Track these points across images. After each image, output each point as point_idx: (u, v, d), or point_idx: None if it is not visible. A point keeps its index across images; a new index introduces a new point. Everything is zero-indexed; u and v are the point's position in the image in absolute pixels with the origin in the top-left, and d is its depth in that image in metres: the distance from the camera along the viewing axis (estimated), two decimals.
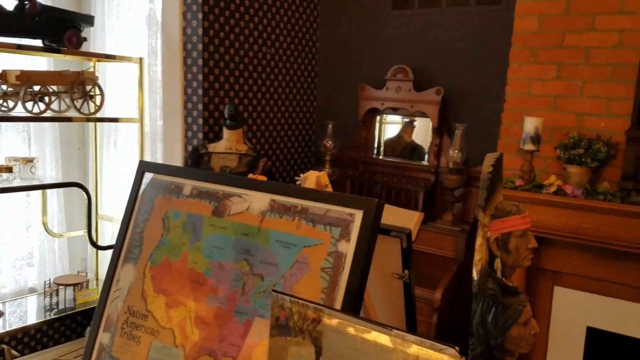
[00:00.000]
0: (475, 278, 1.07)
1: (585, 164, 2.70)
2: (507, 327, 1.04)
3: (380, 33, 3.62)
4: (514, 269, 1.17)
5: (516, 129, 2.93)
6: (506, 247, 1.15)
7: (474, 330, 1.08)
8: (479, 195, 1.08)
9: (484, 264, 1.10)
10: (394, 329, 0.89)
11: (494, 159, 1.12)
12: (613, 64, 2.71)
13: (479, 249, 1.09)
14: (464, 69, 3.28)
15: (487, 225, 1.11)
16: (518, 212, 1.16)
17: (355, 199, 1.18)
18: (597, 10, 2.71)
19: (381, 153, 3.65)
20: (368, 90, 3.46)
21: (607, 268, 2.70)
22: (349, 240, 1.14)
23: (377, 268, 1.37)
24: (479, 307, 1.08)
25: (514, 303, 1.08)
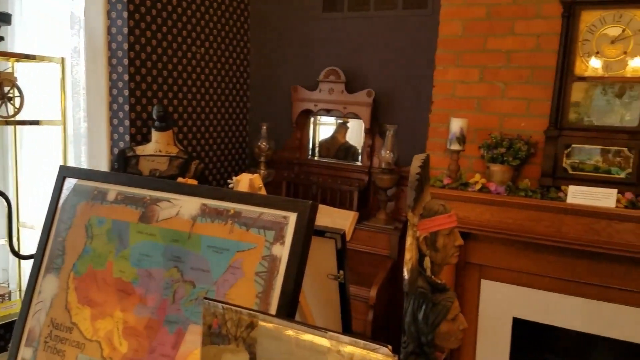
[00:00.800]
0: (406, 277, 1.09)
1: (507, 163, 2.84)
2: (437, 324, 1.07)
3: (312, 35, 3.63)
4: (442, 266, 1.21)
5: (443, 129, 3.03)
6: (434, 245, 1.18)
7: (406, 328, 1.10)
8: (408, 196, 1.10)
9: (414, 263, 1.13)
10: (329, 331, 0.88)
11: (422, 160, 1.15)
12: (532, 67, 2.86)
13: (409, 248, 1.12)
14: (394, 71, 3.36)
15: (416, 225, 1.14)
16: (445, 212, 1.19)
17: (289, 202, 1.17)
18: (516, 15, 2.86)
19: (316, 154, 3.66)
20: (301, 91, 3.46)
21: (530, 261, 2.85)
22: (283, 244, 1.13)
23: (312, 270, 1.37)
24: (410, 305, 1.10)
25: (443, 300, 1.11)
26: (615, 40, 2.59)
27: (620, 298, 2.67)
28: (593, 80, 2.66)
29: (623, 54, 2.58)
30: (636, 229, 2.50)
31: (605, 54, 2.62)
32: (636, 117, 2.58)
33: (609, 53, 2.61)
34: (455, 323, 1.10)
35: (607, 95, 2.65)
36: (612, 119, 2.65)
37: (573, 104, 2.71)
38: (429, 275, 1.16)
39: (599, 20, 2.60)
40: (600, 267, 2.67)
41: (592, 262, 2.68)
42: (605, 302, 2.71)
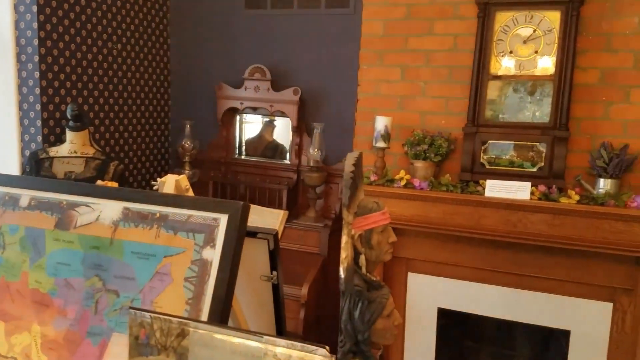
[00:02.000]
0: (343, 276, 1.09)
1: (430, 159, 2.93)
2: (373, 321, 1.08)
3: (235, 32, 3.56)
4: (377, 263, 1.22)
5: (369, 127, 3.08)
6: (369, 243, 1.19)
7: (343, 327, 1.10)
8: (343, 194, 1.10)
9: (350, 261, 1.13)
10: (265, 335, 0.86)
11: (355, 158, 1.15)
12: (450, 66, 2.97)
13: (345, 246, 1.12)
14: (320, 69, 3.37)
15: (351, 223, 1.14)
16: (379, 209, 1.20)
17: (219, 203, 1.13)
18: (435, 15, 2.96)
19: (243, 153, 3.61)
20: (226, 89, 3.39)
21: (453, 253, 2.96)
22: (214, 247, 1.09)
23: (245, 272, 1.33)
24: (347, 303, 1.10)
25: (378, 297, 1.12)
26: (527, 40, 2.74)
27: (536, 285, 2.84)
28: (507, 79, 2.81)
29: (534, 53, 2.74)
30: (549, 220, 2.67)
31: (518, 54, 2.77)
32: (547, 114, 2.74)
33: (521, 52, 2.77)
34: (390, 319, 1.12)
35: (520, 93, 2.81)
36: (525, 116, 2.81)
37: (489, 102, 2.84)
38: (365, 273, 1.17)
39: (511, 20, 2.75)
40: (517, 257, 2.83)
41: (510, 252, 2.83)
42: (523, 290, 2.88)
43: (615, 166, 2.58)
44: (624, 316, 2.71)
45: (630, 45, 2.64)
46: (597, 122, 2.72)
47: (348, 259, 1.11)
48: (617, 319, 2.72)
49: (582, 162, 2.72)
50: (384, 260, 1.21)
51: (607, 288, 2.71)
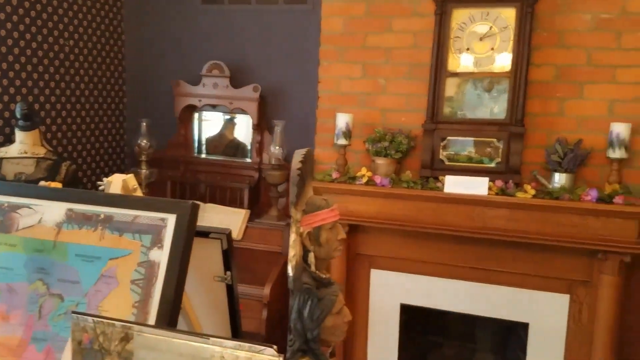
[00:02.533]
0: (291, 274, 1.07)
1: (391, 156, 2.94)
2: (323, 319, 1.06)
3: (192, 27, 3.49)
4: (327, 261, 1.20)
5: (330, 124, 3.07)
6: (318, 240, 1.17)
7: (292, 325, 1.08)
8: (290, 192, 1.08)
9: (299, 259, 1.11)
10: (211, 336, 0.83)
11: (302, 155, 1.13)
12: (410, 64, 2.99)
13: (293, 244, 1.10)
14: (280, 66, 3.34)
15: (299, 221, 1.12)
16: (327, 206, 1.19)
17: (167, 203, 1.09)
18: (394, 12, 2.97)
19: (203, 151, 3.54)
20: (183, 86, 3.32)
21: (415, 249, 2.98)
22: (161, 248, 1.05)
23: (197, 273, 1.30)
24: (296, 302, 1.08)
25: (327, 294, 1.10)
26: (483, 37, 2.78)
27: (497, 279, 2.88)
28: (464, 76, 2.84)
29: (491, 50, 2.78)
30: (506, 215, 2.71)
31: (475, 50, 2.81)
32: (503, 110, 2.79)
33: (478, 49, 2.80)
34: (340, 316, 1.10)
35: (478, 89, 2.85)
36: (483, 112, 2.85)
37: (447, 99, 2.87)
38: (314, 270, 1.15)
39: (468, 18, 2.78)
40: (478, 252, 2.86)
41: (471, 247, 2.86)
42: (484, 284, 2.92)
43: (570, 161, 2.64)
44: (581, 308, 2.78)
45: (584, 41, 2.71)
46: (552, 117, 2.78)
47: (297, 257, 1.09)
48: (574, 311, 2.79)
49: (538, 157, 2.77)
50: (333, 257, 1.19)
51: (565, 280, 2.78)
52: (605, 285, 2.62)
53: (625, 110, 2.67)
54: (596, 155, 2.70)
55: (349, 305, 3.08)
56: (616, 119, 2.63)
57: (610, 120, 2.63)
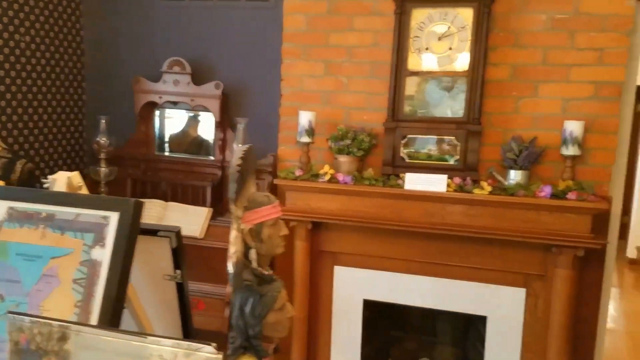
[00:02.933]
0: (231, 271, 1.08)
1: (353, 154, 2.96)
2: (264, 315, 1.07)
3: (153, 24, 3.44)
4: (269, 257, 1.21)
5: (293, 122, 3.07)
6: (260, 237, 1.17)
7: (234, 323, 1.08)
8: (230, 189, 1.08)
9: (239, 256, 1.11)
10: (149, 335, 0.83)
11: (243, 151, 1.14)
12: (371, 62, 3.01)
13: (234, 241, 1.10)
14: (243, 63, 3.32)
15: (240, 218, 1.12)
16: (269, 203, 1.19)
17: (110, 200, 1.07)
18: (355, 11, 2.98)
19: (166, 149, 3.49)
20: (144, 83, 3.26)
21: (378, 245, 3.02)
22: (104, 246, 1.04)
23: (147, 271, 1.29)
24: (238, 299, 1.08)
25: (269, 291, 1.11)
26: (442, 37, 2.82)
27: (456, 274, 2.94)
28: (424, 75, 2.88)
29: (449, 49, 2.83)
30: (464, 211, 2.77)
31: (434, 50, 2.85)
32: (461, 109, 2.84)
33: (437, 49, 2.84)
34: (282, 312, 1.11)
35: (437, 88, 2.89)
36: (442, 111, 2.90)
37: (407, 97, 2.91)
38: (255, 267, 1.15)
39: (427, 17, 2.82)
40: (438, 247, 2.92)
41: (431, 243, 2.91)
42: (444, 279, 2.97)
43: (525, 158, 2.71)
44: (537, 301, 2.86)
45: (539, 41, 2.78)
46: (508, 116, 2.85)
47: (237, 254, 1.09)
48: (530, 304, 2.87)
49: (494, 154, 2.83)
50: (275, 253, 1.20)
51: (521, 274, 2.85)
52: (560, 278, 2.70)
53: (579, 108, 2.75)
54: (550, 152, 2.78)
55: (313, 302, 3.12)
56: (570, 117, 2.71)
57: (564, 119, 2.71)
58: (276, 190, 3.14)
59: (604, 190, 2.75)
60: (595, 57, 2.71)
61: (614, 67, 2.71)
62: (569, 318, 2.73)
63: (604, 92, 2.72)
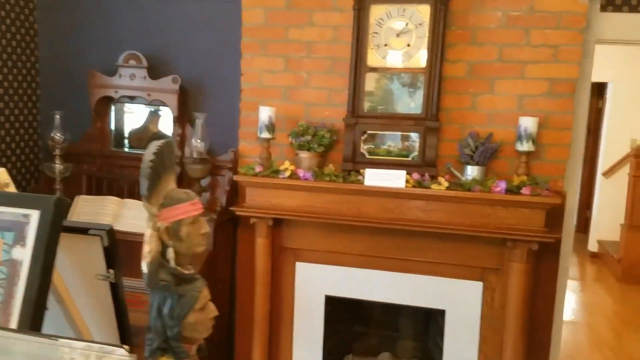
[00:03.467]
0: (146, 271, 1.05)
1: (314, 150, 2.95)
2: (183, 316, 1.05)
3: (108, 17, 3.35)
4: (189, 256, 1.19)
5: (254, 118, 3.04)
6: (178, 235, 1.15)
7: (152, 324, 1.06)
8: (141, 185, 1.06)
9: (155, 255, 1.09)
10: (60, 337, 0.80)
11: (157, 147, 1.11)
12: (331, 58, 3.00)
13: (149, 240, 1.07)
14: (203, 58, 3.27)
15: (156, 215, 1.10)
16: (188, 199, 1.17)
17: (30, 198, 1.04)
18: (314, 6, 2.97)
19: (125, 145, 3.42)
20: (99, 77, 3.19)
21: (339, 241, 3.02)
22: (24, 246, 1.01)
23: (79, 272, 1.25)
24: (156, 299, 1.06)
25: (189, 290, 1.09)
26: (400, 34, 2.83)
27: (416, 269, 2.96)
28: (383, 71, 2.89)
29: (407, 46, 2.83)
30: (423, 206, 2.79)
31: (392, 46, 2.85)
32: (420, 105, 2.85)
33: (395, 45, 2.85)
34: (204, 312, 1.09)
35: (396, 85, 2.90)
36: (401, 107, 2.91)
37: (367, 94, 2.91)
38: (174, 266, 1.13)
39: (385, 14, 2.82)
40: (398, 242, 2.93)
41: (391, 238, 2.93)
42: (405, 274, 2.99)
43: (481, 154, 2.74)
44: (493, 294, 2.90)
45: (495, 38, 2.80)
46: (465, 112, 2.87)
47: (152, 253, 1.07)
48: (487, 297, 2.91)
49: (452, 150, 2.86)
50: (196, 252, 1.18)
51: (478, 268, 2.89)
52: (515, 272, 2.74)
53: (533, 104, 2.79)
54: (506, 148, 2.81)
55: (275, 299, 3.10)
56: (525, 114, 2.75)
57: (519, 115, 2.74)
58: (237, 186, 3.11)
59: (558, 186, 2.80)
60: (550, 54, 2.75)
61: (568, 64, 2.75)
62: (524, 310, 2.78)
63: (558, 88, 2.77)
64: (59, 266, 1.19)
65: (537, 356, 2.94)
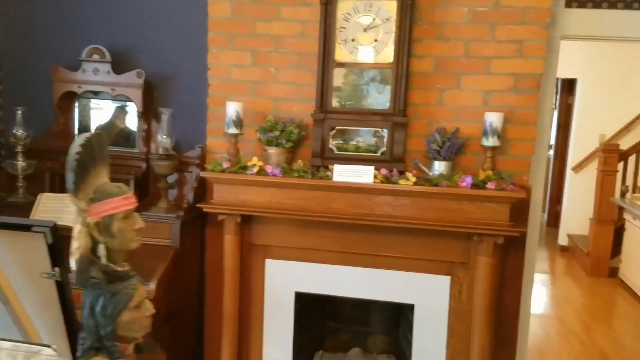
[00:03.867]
0: (75, 268, 1.02)
1: (282, 145, 2.93)
2: (117, 314, 1.02)
3: (71, 10, 3.27)
4: (123, 253, 1.16)
5: (221, 113, 3.00)
6: (109, 231, 1.12)
7: (84, 322, 1.03)
8: (67, 179, 1.02)
9: (84, 252, 1.06)
10: None
11: (85, 139, 1.08)
12: (299, 53, 2.98)
13: (78, 236, 1.04)
14: (169, 51, 3.21)
15: (86, 210, 1.07)
16: (120, 193, 1.14)
17: None
18: (281, 0, 2.94)
19: None
20: (62, 72, 3.11)
21: (308, 237, 3.01)
22: None
23: (24, 270, 1.21)
24: (88, 297, 1.03)
25: (124, 288, 1.06)
26: (367, 29, 2.82)
27: (386, 264, 2.97)
28: (350, 66, 2.88)
29: (374, 41, 2.83)
30: (391, 201, 2.79)
31: (360, 41, 2.84)
32: (387, 100, 2.85)
33: (363, 40, 2.84)
34: (140, 310, 1.06)
35: (364, 80, 2.89)
36: (369, 103, 2.90)
37: (335, 89, 2.89)
38: (105, 263, 1.10)
39: (352, 9, 2.81)
40: (367, 238, 2.93)
41: (360, 234, 2.93)
42: (374, 269, 2.99)
43: (448, 149, 2.75)
44: (461, 288, 2.93)
45: (461, 34, 2.82)
46: (433, 108, 2.88)
47: (81, 250, 1.04)
48: (455, 291, 2.94)
49: (420, 146, 2.87)
50: (130, 248, 1.15)
51: (446, 263, 2.91)
52: (481, 266, 2.77)
53: (499, 100, 2.82)
54: (473, 143, 2.83)
55: (244, 296, 3.08)
56: (490, 109, 2.77)
57: (485, 110, 2.76)
58: (205, 183, 3.07)
59: (523, 180, 2.83)
60: (515, 50, 2.77)
61: (533, 59, 2.78)
62: (491, 304, 2.80)
63: (523, 84, 2.79)
64: (3, 265, 1.16)
65: (504, 348, 2.97)
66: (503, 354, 2.98)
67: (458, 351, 2.95)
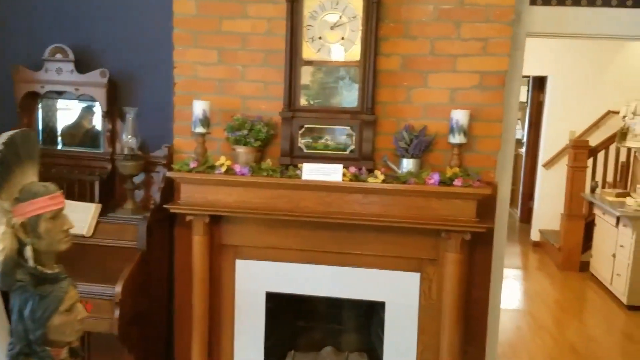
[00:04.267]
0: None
1: (250, 144, 2.91)
2: (47, 318, 0.99)
3: (33, 8, 3.19)
4: (52, 254, 1.12)
5: (188, 112, 2.96)
6: (36, 231, 1.08)
7: (13, 327, 1.00)
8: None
9: (10, 254, 1.02)
10: None
11: (7, 137, 1.04)
12: (266, 50, 2.96)
13: (2, 237, 1.00)
14: (133, 50, 3.15)
15: (11, 211, 1.03)
16: (47, 193, 1.10)
17: None
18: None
19: (58, 142, 3.26)
20: (24, 72, 3.03)
21: (278, 236, 2.99)
22: None
23: None
24: (17, 301, 1.00)
25: (53, 291, 1.03)
26: (334, 27, 2.81)
27: (356, 262, 2.96)
28: (318, 64, 2.86)
29: (341, 39, 2.82)
30: (360, 199, 2.79)
31: (327, 39, 2.83)
32: (355, 99, 2.85)
33: (330, 38, 2.83)
34: (71, 314, 1.03)
35: (331, 78, 2.88)
36: (337, 101, 2.90)
37: (303, 87, 2.88)
38: (33, 265, 1.06)
39: (319, 6, 2.79)
40: (337, 236, 2.92)
41: (330, 232, 2.92)
42: (345, 267, 2.99)
43: (415, 147, 2.76)
44: (430, 284, 2.94)
45: (427, 32, 2.83)
46: (400, 105, 2.89)
47: (6, 252, 1.00)
48: (425, 288, 2.95)
49: (388, 144, 2.87)
50: (59, 249, 1.11)
51: (415, 259, 2.92)
52: (450, 262, 2.78)
53: (465, 97, 2.84)
54: (440, 140, 2.85)
55: (214, 297, 3.04)
56: (457, 106, 2.79)
57: (452, 108, 2.78)
58: (172, 183, 3.03)
59: (490, 177, 2.86)
60: (480, 47, 2.80)
61: (498, 56, 2.81)
62: (460, 300, 2.82)
63: (488, 81, 2.82)
64: None
65: (473, 344, 3.00)
66: (472, 349, 3.00)
67: (428, 347, 2.97)
